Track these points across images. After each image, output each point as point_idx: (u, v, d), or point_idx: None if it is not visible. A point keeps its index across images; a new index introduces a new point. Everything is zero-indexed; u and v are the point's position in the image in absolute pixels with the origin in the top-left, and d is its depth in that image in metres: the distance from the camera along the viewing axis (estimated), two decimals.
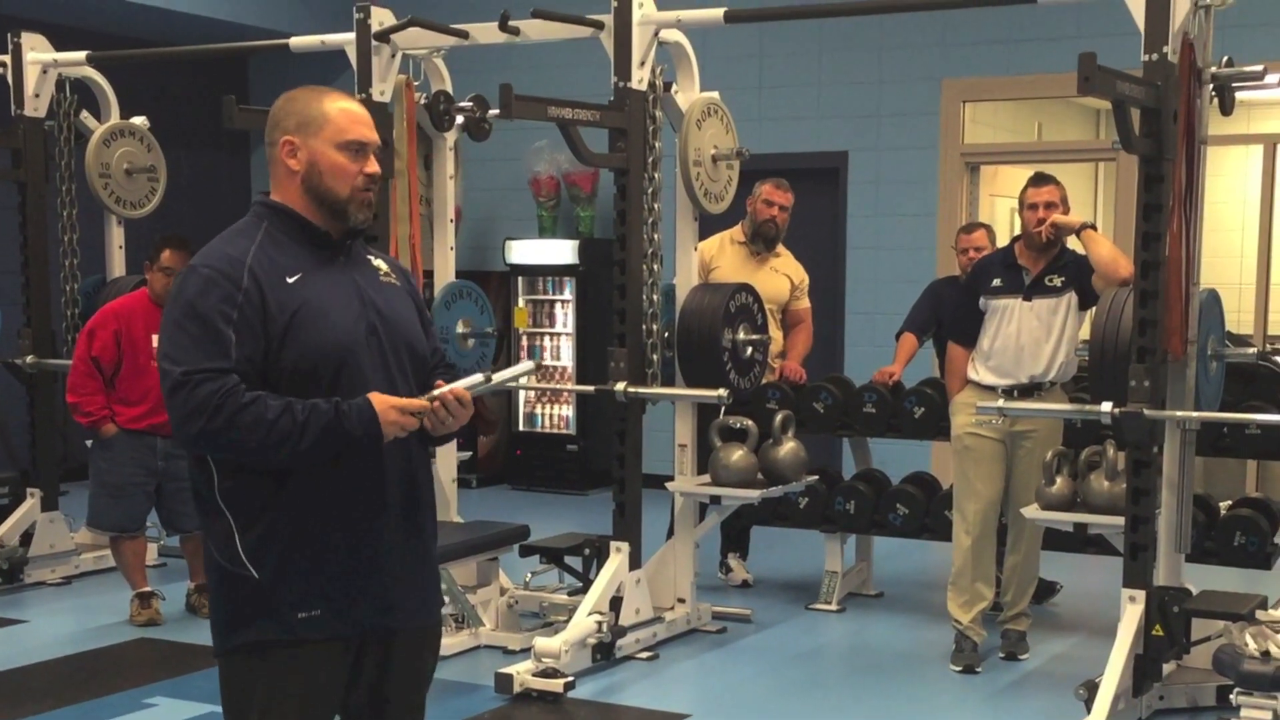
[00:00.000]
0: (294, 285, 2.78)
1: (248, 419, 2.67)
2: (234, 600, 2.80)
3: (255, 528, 2.76)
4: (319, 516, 2.78)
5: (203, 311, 2.71)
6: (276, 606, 2.77)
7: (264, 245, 2.82)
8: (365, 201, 2.87)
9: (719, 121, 6.30)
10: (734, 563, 7.26)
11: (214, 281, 2.74)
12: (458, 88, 6.46)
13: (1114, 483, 5.27)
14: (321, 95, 2.90)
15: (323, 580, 2.78)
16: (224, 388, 2.68)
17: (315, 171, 2.84)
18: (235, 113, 5.58)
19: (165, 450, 6.43)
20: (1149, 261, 4.86)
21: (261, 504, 2.76)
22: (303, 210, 2.86)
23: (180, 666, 5.79)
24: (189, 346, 2.70)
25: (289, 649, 2.79)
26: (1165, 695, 5.15)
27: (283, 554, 2.76)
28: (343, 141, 2.84)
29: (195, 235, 7.04)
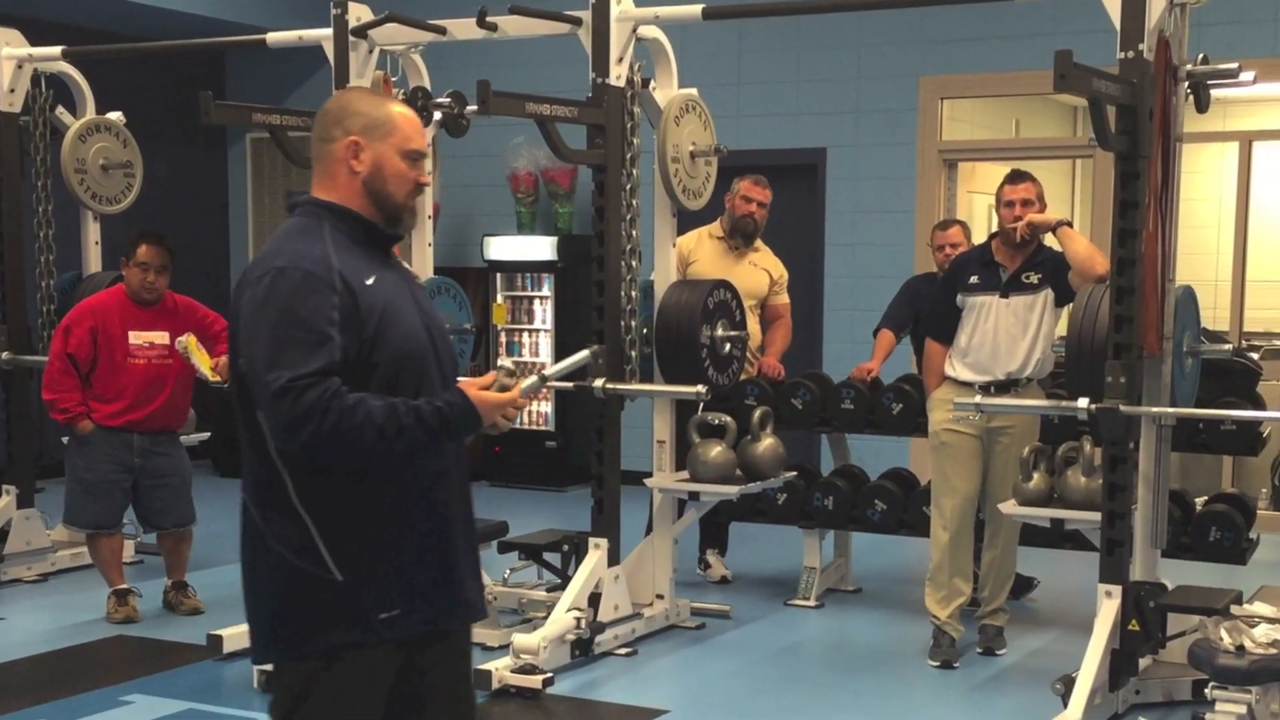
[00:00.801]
0: (373, 288, 2.78)
1: (356, 421, 2.65)
2: (308, 603, 2.76)
3: (339, 530, 2.74)
4: (398, 516, 2.79)
5: (302, 314, 2.68)
6: (359, 608, 2.75)
7: (336, 247, 2.79)
8: (414, 208, 2.93)
9: (697, 118, 6.30)
10: (712, 559, 7.27)
11: (308, 283, 2.70)
12: (435, 84, 6.44)
13: (1090, 478, 5.30)
14: (383, 100, 2.93)
15: (403, 580, 2.79)
16: (329, 391, 2.65)
17: (380, 175, 2.85)
18: (212, 108, 5.56)
19: (142, 447, 6.41)
20: (1125, 258, 4.88)
21: (344, 506, 2.75)
22: (361, 211, 2.86)
23: (157, 664, 5.78)
24: (288, 350, 2.66)
25: (362, 650, 2.78)
26: (1141, 690, 5.18)
27: (368, 555, 2.76)
28: (408, 149, 2.87)
29: (172, 231, 7.04)
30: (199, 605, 6.56)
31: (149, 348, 6.37)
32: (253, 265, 2.80)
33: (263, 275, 2.73)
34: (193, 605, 6.56)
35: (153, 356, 6.38)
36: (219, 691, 5.45)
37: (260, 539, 2.80)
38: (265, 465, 2.78)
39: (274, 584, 2.79)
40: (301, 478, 2.75)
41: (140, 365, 6.36)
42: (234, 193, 11.73)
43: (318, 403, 2.63)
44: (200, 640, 5.86)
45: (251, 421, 2.77)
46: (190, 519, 6.63)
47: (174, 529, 6.59)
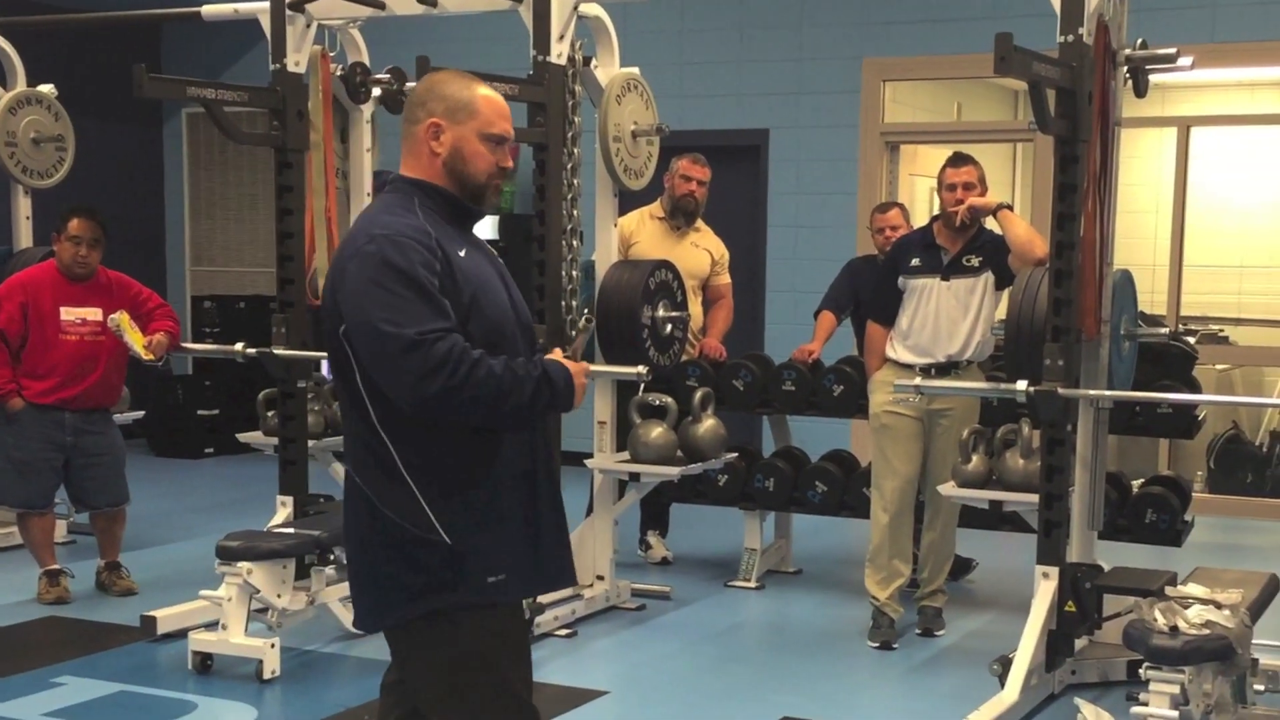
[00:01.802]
0: (465, 260, 2.85)
1: (481, 374, 2.71)
2: (423, 568, 2.82)
3: (444, 495, 2.81)
4: (500, 483, 2.86)
5: (413, 275, 2.73)
6: (468, 571, 2.82)
7: (428, 220, 2.85)
8: (497, 189, 2.96)
9: (639, 97, 6.27)
10: (653, 540, 7.26)
11: (412, 247, 2.76)
12: (374, 60, 6.38)
13: (1029, 461, 5.33)
14: (471, 83, 2.94)
15: (505, 545, 2.86)
16: (457, 345, 2.71)
17: (459, 157, 2.90)
18: (145, 81, 5.46)
19: (75, 425, 6.31)
20: (1064, 242, 4.90)
21: (447, 472, 2.82)
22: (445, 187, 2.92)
23: (89, 645, 5.70)
24: (409, 308, 2.71)
25: (480, 611, 2.85)
26: (1077, 670, 5.22)
27: (472, 520, 2.82)
28: (488, 133, 2.91)
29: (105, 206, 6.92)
30: (132, 586, 6.48)
31: (81, 324, 6.27)
32: (352, 237, 2.86)
33: (367, 243, 2.78)
34: (126, 586, 6.47)
35: (85, 333, 6.28)
36: (152, 673, 5.39)
37: (370, 507, 2.85)
38: (370, 433, 2.83)
39: (389, 549, 2.84)
40: (405, 445, 2.81)
41: (72, 342, 6.26)
42: (170, 168, 11.57)
43: (449, 354, 2.69)
44: (133, 622, 5.79)
45: (353, 390, 2.85)
46: (124, 499, 6.54)
47: (107, 509, 6.50)
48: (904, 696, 5.28)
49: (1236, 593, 4.50)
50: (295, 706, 5.04)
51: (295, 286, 6.07)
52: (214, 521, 7.36)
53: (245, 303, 10.67)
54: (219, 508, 8.40)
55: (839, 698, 5.19)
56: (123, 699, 5.08)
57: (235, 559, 5.27)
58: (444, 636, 2.86)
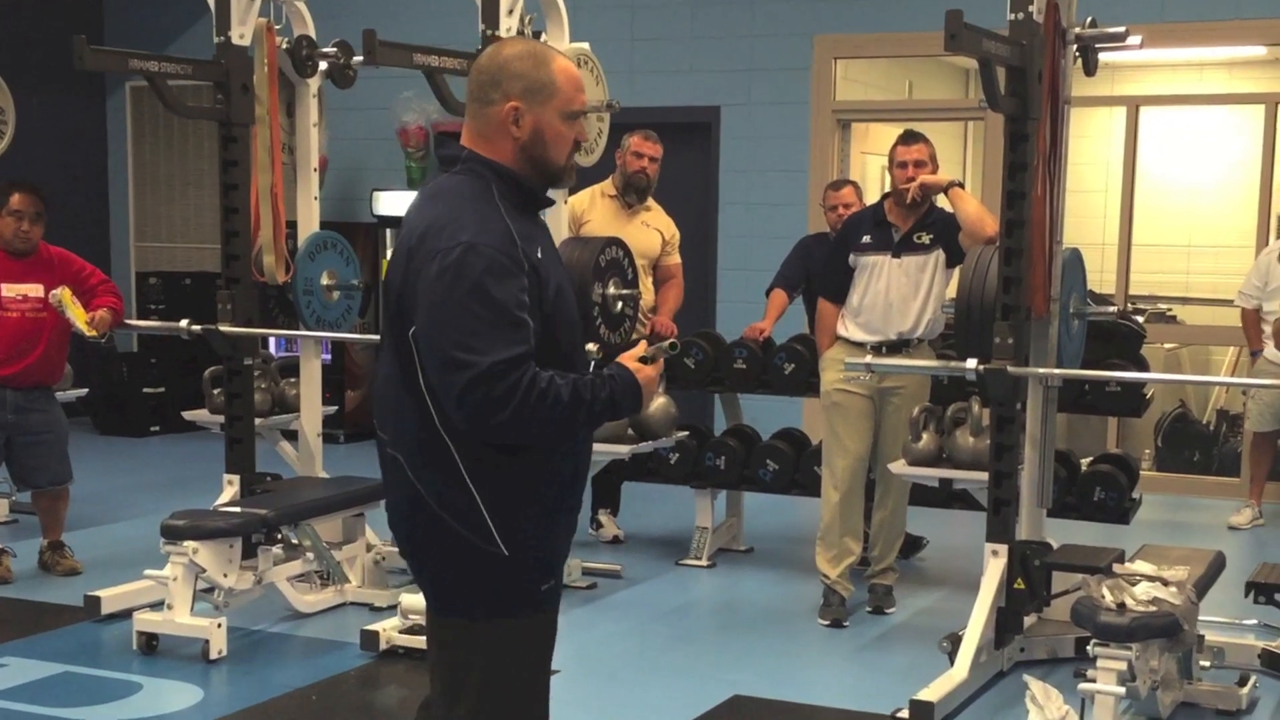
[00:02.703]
0: (544, 260, 2.72)
1: (548, 407, 2.61)
2: (476, 571, 2.74)
3: (506, 506, 2.71)
4: (560, 495, 2.79)
5: (497, 296, 2.59)
6: (523, 581, 2.77)
7: (513, 217, 2.70)
8: (573, 166, 2.83)
9: (589, 73, 6.22)
10: (604, 518, 7.24)
11: (500, 264, 2.61)
12: (321, 33, 6.29)
13: (978, 439, 5.34)
14: (546, 56, 2.76)
15: (556, 552, 2.83)
16: (524, 378, 2.59)
17: (540, 141, 2.74)
18: (87, 53, 5.37)
19: (16, 403, 6.22)
20: (1013, 220, 4.91)
21: (514, 484, 2.72)
22: (520, 173, 2.77)
23: (31, 625, 5.63)
24: (488, 334, 2.58)
25: (536, 617, 2.81)
26: (1026, 647, 5.25)
27: (531, 530, 2.74)
28: (569, 111, 2.76)
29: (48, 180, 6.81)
30: (76, 566, 6.40)
31: (22, 300, 6.18)
32: (435, 232, 2.66)
33: (452, 248, 2.61)
34: (69, 566, 6.39)
35: (26, 310, 6.18)
36: (96, 654, 5.33)
37: (420, 502, 2.75)
38: (428, 431, 2.71)
39: (441, 548, 2.76)
40: (469, 452, 2.70)
41: (13, 319, 6.16)
42: (114, 142, 11.40)
43: (513, 389, 2.58)
44: (77, 601, 5.73)
45: (414, 387, 2.70)
46: (66, 477, 6.45)
47: (49, 487, 6.41)
48: (854, 674, 5.29)
49: (1183, 570, 4.54)
50: (242, 687, 4.99)
51: (241, 263, 6.00)
52: (159, 500, 7.28)
53: (191, 279, 10.56)
54: (164, 486, 8.31)
55: (790, 675, 5.19)
56: (66, 680, 5.02)
57: (181, 538, 5.21)
58: (491, 641, 2.79)
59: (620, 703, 4.91)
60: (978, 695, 4.92)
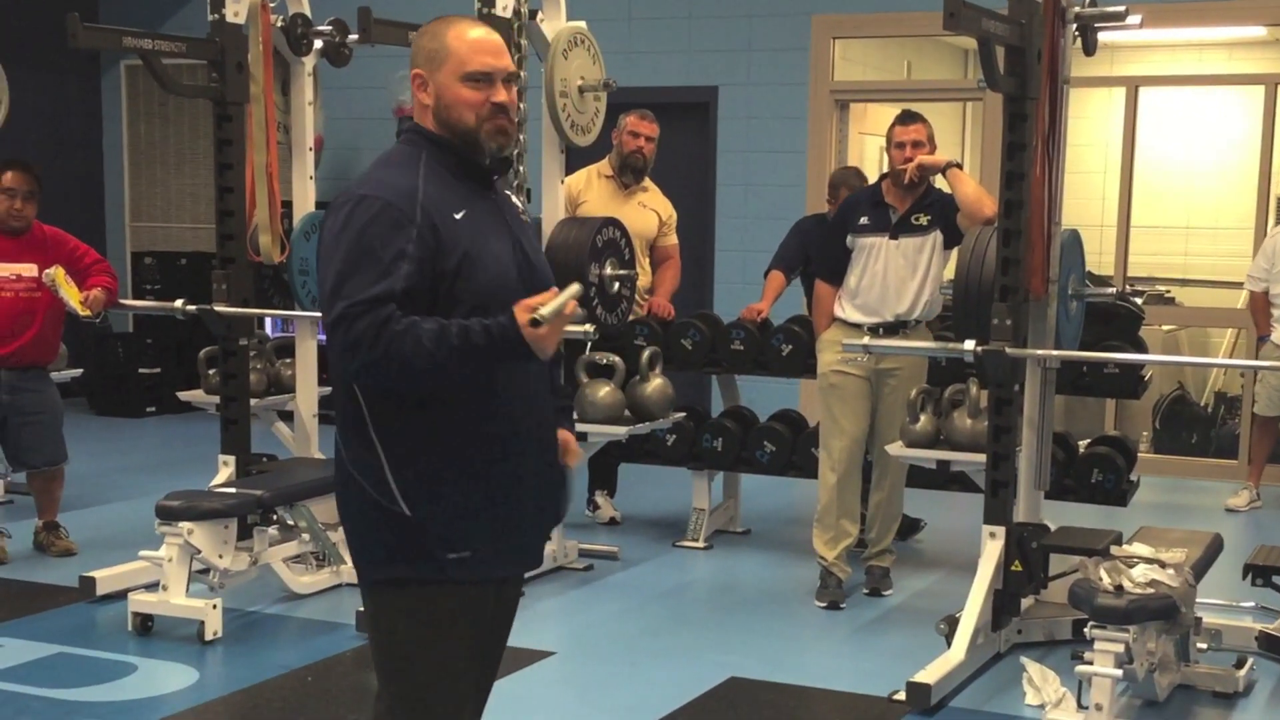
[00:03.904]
0: (461, 222, 2.74)
1: (404, 347, 2.61)
2: (384, 535, 2.77)
3: (410, 465, 2.74)
4: (468, 458, 2.76)
5: (369, 242, 2.66)
6: (428, 545, 2.75)
7: (428, 179, 2.76)
8: (498, 129, 2.82)
9: (586, 52, 6.19)
10: (601, 500, 7.23)
11: (385, 212, 2.68)
12: (316, 11, 6.25)
13: (976, 420, 5.33)
14: (448, 26, 2.84)
15: (471, 522, 2.77)
16: (379, 318, 2.62)
17: (442, 105, 2.81)
18: (80, 31, 5.33)
19: (10, 383, 6.20)
20: (1012, 200, 4.89)
21: (415, 441, 2.74)
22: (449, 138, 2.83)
23: (27, 606, 5.62)
24: (352, 278, 2.64)
25: (438, 586, 2.78)
26: (1023, 629, 5.24)
27: (436, 493, 2.75)
28: (465, 73, 2.80)
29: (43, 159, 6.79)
30: (71, 546, 6.38)
31: (16, 280, 6.15)
32: (342, 191, 2.80)
33: (345, 202, 2.73)
34: (64, 547, 6.38)
35: (20, 289, 6.16)
36: (91, 634, 5.32)
37: (344, 467, 2.82)
38: (346, 393, 2.78)
39: (357, 513, 2.81)
40: (376, 407, 2.75)
41: (7, 298, 6.14)
42: (108, 121, 11.36)
43: (366, 330, 2.61)
44: (72, 582, 5.71)
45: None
46: (61, 458, 6.43)
47: (44, 468, 6.39)
48: (851, 656, 5.29)
49: (1181, 552, 4.53)
50: (237, 668, 4.98)
51: (236, 242, 5.97)
52: (155, 481, 7.26)
53: (186, 259, 10.53)
54: (160, 467, 8.29)
55: (786, 657, 5.18)
56: (61, 660, 5.01)
57: (176, 519, 5.19)
58: (399, 606, 2.80)
59: (616, 684, 4.90)
60: (975, 677, 4.91)
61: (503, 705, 4.69)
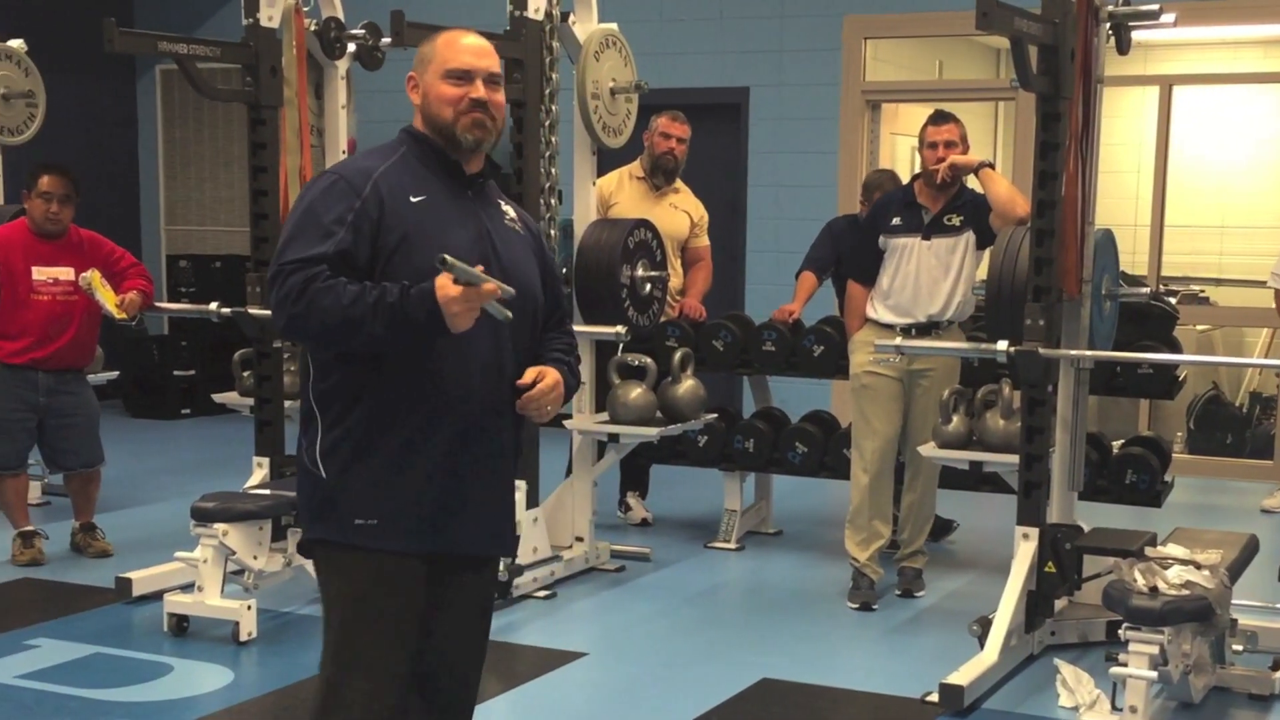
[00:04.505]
0: (416, 205, 2.87)
1: (325, 302, 2.74)
2: (308, 496, 2.93)
3: (332, 431, 2.86)
4: (395, 435, 2.83)
5: (314, 208, 2.82)
6: (338, 509, 2.86)
7: (397, 165, 2.91)
8: (474, 122, 2.92)
9: (617, 54, 6.20)
10: (633, 501, 7.24)
11: (336, 185, 2.84)
12: (349, 15, 6.28)
13: (1009, 421, 5.31)
14: (441, 33, 3.00)
15: (381, 492, 2.84)
16: (308, 275, 2.75)
17: (427, 102, 2.95)
18: (116, 36, 5.37)
19: (48, 385, 6.25)
20: (1045, 200, 4.87)
21: (341, 409, 2.85)
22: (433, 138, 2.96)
23: (63, 607, 5.66)
24: (293, 241, 2.81)
25: (351, 551, 2.87)
26: (1057, 631, 5.22)
27: (347, 459, 2.85)
28: (445, 71, 2.93)
29: (78, 164, 6.83)
30: (107, 548, 6.43)
31: (53, 284, 6.20)
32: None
33: (312, 180, 2.93)
34: (101, 548, 6.43)
35: (57, 293, 6.21)
36: (127, 635, 5.35)
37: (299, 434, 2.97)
38: (308, 363, 2.93)
39: (299, 473, 2.96)
40: (319, 376, 2.89)
41: (44, 302, 6.19)
42: (144, 125, 11.44)
43: (294, 286, 2.75)
44: (108, 583, 5.75)
45: None
46: (98, 459, 6.48)
47: (81, 470, 6.44)
48: (884, 657, 5.28)
49: (1216, 553, 4.50)
50: (272, 669, 5.01)
51: (270, 245, 5.99)
52: (190, 483, 7.31)
53: (221, 262, 10.59)
54: (195, 469, 8.34)
55: (818, 659, 5.18)
56: (98, 661, 5.04)
57: (211, 520, 5.23)
58: (324, 565, 2.94)
59: (648, 685, 4.91)
60: (1008, 679, 4.89)
61: (535, 706, 4.73)
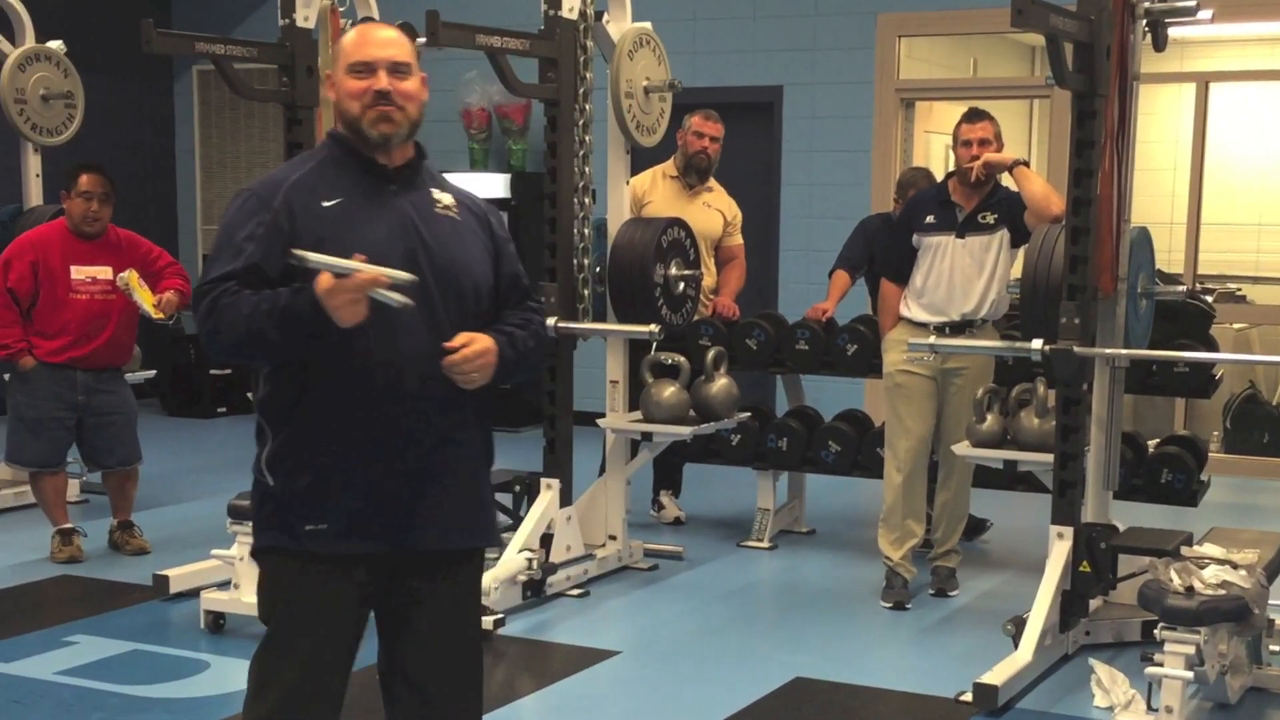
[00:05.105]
0: (329, 210, 2.85)
1: (229, 316, 2.76)
2: (258, 504, 2.94)
3: (277, 438, 2.88)
4: (334, 436, 2.84)
5: (228, 228, 2.85)
6: (287, 516, 2.87)
7: (313, 171, 2.91)
8: (380, 116, 2.87)
9: (651, 53, 6.20)
10: (666, 500, 7.24)
11: (247, 202, 2.86)
12: (384, 15, 6.30)
13: (1044, 420, 5.29)
14: (352, 29, 3.01)
15: (330, 498, 2.85)
16: (215, 294, 2.78)
17: (338, 99, 2.94)
18: (154, 37, 5.41)
19: (86, 384, 6.30)
20: (1080, 198, 4.85)
21: (283, 416, 2.87)
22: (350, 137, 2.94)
23: (101, 604, 5.71)
24: (211, 264, 2.84)
25: (302, 559, 2.87)
26: (1091, 631, 5.20)
27: (293, 466, 2.86)
28: (349, 64, 2.91)
29: (115, 164, 6.89)
30: (145, 545, 6.48)
31: (91, 283, 6.25)
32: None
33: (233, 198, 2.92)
34: (138, 545, 6.48)
35: (95, 292, 6.26)
36: (165, 632, 5.40)
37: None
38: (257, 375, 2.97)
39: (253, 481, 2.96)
40: (262, 385, 2.91)
41: (82, 301, 6.24)
42: (181, 125, 11.52)
43: (206, 305, 2.80)
44: (146, 580, 5.80)
45: None
46: (136, 458, 6.53)
47: (119, 468, 6.49)
48: (917, 657, 5.27)
49: (1253, 553, 4.48)
50: None
51: None
52: (226, 481, 7.34)
53: None
54: (231, 467, 8.37)
55: (852, 658, 5.17)
56: (135, 658, 5.09)
57: (247, 518, 5.20)
58: (266, 570, 2.96)
59: (681, 684, 4.91)
60: (1042, 679, 4.88)
61: (567, 704, 4.75)
